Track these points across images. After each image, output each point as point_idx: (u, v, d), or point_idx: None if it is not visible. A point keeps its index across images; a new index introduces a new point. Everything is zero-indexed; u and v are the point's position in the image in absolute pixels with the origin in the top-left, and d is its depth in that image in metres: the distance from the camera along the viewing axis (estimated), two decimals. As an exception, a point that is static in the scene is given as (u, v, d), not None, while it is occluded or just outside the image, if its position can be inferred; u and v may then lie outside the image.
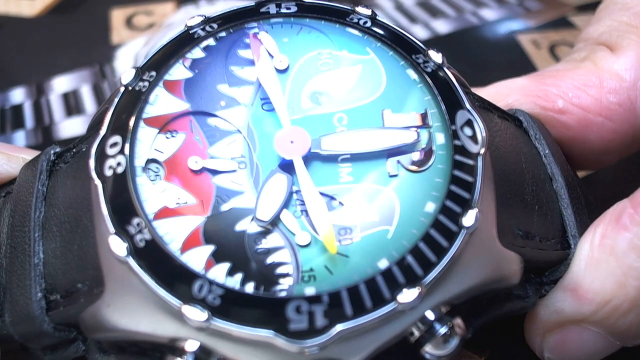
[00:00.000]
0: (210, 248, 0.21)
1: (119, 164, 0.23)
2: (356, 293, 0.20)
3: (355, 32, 0.25)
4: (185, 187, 0.22)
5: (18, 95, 0.46)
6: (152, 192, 0.22)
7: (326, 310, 0.20)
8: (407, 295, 0.20)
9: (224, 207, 0.21)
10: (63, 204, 0.25)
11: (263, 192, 0.21)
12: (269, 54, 0.24)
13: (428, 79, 0.24)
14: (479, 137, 0.23)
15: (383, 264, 0.21)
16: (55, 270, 0.24)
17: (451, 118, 0.23)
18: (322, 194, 0.22)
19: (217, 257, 0.21)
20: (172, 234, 0.21)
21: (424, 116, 0.23)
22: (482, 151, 0.23)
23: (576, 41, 0.33)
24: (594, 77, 0.29)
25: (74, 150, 0.26)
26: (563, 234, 0.26)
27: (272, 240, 0.21)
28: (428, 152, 0.23)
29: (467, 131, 0.23)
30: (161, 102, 0.23)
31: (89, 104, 0.45)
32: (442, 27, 0.49)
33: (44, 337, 0.24)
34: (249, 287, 0.21)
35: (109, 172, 0.22)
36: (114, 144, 0.23)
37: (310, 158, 0.22)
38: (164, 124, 0.23)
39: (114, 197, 0.22)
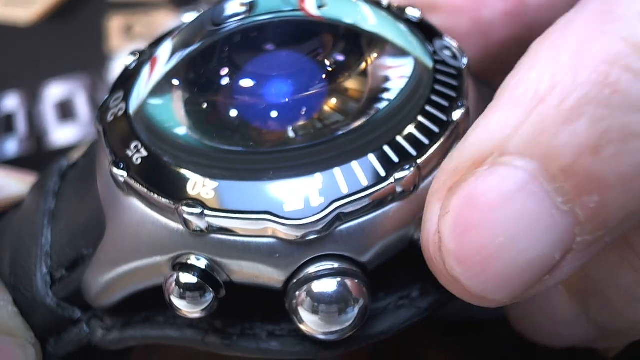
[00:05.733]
0: None
1: (120, 109, 0.22)
2: (350, 172, 0.20)
3: None
4: None
5: (11, 102, 0.45)
6: None
7: (321, 190, 0.19)
8: (403, 172, 0.19)
9: None
10: (73, 194, 0.25)
11: None
12: None
13: (407, 24, 0.24)
14: (459, 56, 0.23)
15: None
16: (61, 247, 0.24)
17: (429, 44, 0.23)
18: None
19: None
20: None
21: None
22: (466, 64, 0.23)
23: None
24: None
25: (86, 152, 0.26)
26: None
27: None
28: None
29: (447, 52, 0.23)
30: (143, 79, 0.23)
31: (84, 112, 0.44)
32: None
33: (47, 315, 0.24)
34: None
35: (110, 118, 0.22)
36: (117, 98, 0.23)
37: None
38: None
39: (114, 134, 0.22)
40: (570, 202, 0.15)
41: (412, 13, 0.25)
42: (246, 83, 0.21)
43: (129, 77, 0.24)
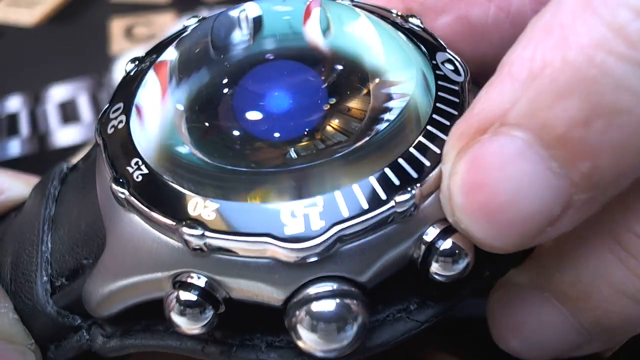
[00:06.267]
0: None
1: (120, 121, 0.22)
2: (351, 195, 0.20)
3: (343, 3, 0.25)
4: None
5: (14, 103, 0.45)
6: None
7: (321, 212, 0.19)
8: (404, 195, 0.19)
9: None
10: (73, 198, 0.25)
11: None
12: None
13: (410, 35, 0.24)
14: (461, 70, 0.23)
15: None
16: (62, 255, 0.24)
17: (432, 57, 0.23)
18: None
19: None
20: None
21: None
22: (468, 79, 0.23)
23: None
24: None
25: (86, 155, 0.26)
26: None
27: None
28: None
29: (449, 66, 0.23)
30: (148, 87, 0.23)
31: (86, 113, 0.45)
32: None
33: (47, 322, 0.24)
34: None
35: (110, 131, 0.22)
36: (117, 109, 0.23)
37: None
38: None
39: (115, 148, 0.22)
40: (564, 167, 0.17)
41: (415, 22, 0.25)
42: (248, 102, 0.21)
43: (128, 87, 0.24)
